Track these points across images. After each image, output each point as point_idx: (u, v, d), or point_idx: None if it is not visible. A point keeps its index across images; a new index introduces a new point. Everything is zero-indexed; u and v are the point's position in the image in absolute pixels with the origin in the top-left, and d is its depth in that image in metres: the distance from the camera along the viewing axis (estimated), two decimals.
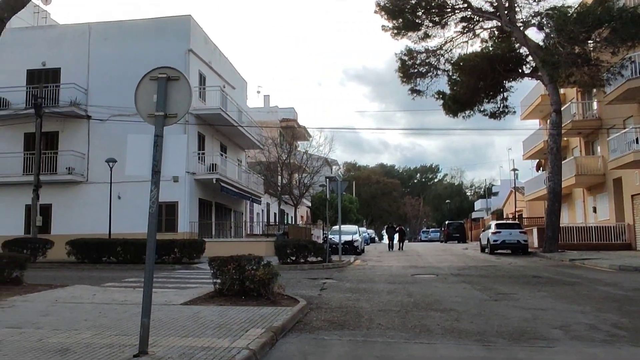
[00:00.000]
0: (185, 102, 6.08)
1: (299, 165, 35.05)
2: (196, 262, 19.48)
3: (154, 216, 5.89)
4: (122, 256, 19.63)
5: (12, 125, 25.91)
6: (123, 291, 11.40)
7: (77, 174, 25.59)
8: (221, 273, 10.17)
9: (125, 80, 25.44)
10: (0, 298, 9.82)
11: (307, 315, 8.70)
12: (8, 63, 26.49)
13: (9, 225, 25.30)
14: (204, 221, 26.93)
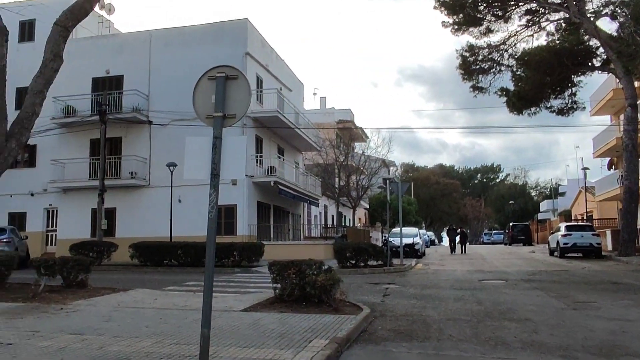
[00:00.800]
0: (244, 101, 5.79)
1: (356, 167, 34.60)
2: (255, 265, 19.39)
3: (214, 221, 5.63)
4: (182, 259, 19.80)
5: (78, 132, 26.79)
6: (183, 295, 11.33)
7: (140, 178, 26.15)
8: (281, 278, 9.90)
9: (184, 85, 25.73)
10: (66, 302, 9.92)
11: (372, 324, 8.27)
12: (75, 72, 27.35)
13: (76, 229, 26.15)
14: (263, 224, 26.92)
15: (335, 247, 19.26)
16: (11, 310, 8.97)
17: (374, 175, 35.82)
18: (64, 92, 26.51)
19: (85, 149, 27.20)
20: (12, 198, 27.73)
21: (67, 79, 26.93)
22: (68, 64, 27.29)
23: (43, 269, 10.63)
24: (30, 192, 27.62)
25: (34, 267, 10.70)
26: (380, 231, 33.84)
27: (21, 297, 10.24)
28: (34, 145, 27.70)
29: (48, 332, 7.14)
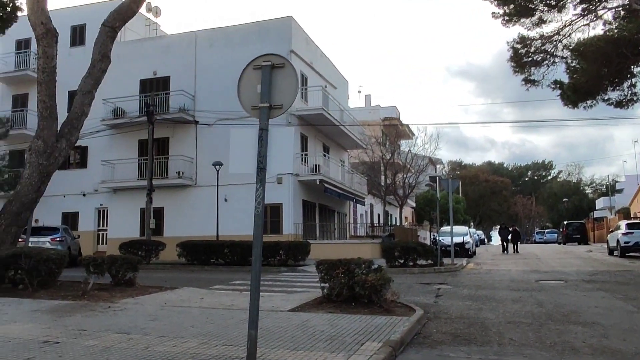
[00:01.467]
0: (291, 91, 5.49)
1: (403, 165, 33.98)
2: (301, 265, 19.16)
3: (260, 218, 5.35)
4: (229, 258, 19.77)
5: (127, 133, 27.25)
6: (230, 294, 11.16)
7: (187, 177, 26.37)
8: (329, 278, 9.59)
9: (229, 84, 25.81)
10: (113, 300, 9.89)
11: (426, 327, 7.84)
12: (123, 74, 27.87)
13: (126, 228, 26.62)
14: (308, 223, 26.71)
15: (383, 246, 18.83)
16: (60, 308, 8.98)
17: (421, 173, 35.10)
18: (113, 94, 27.06)
19: (134, 149, 27.65)
20: (65, 198, 28.48)
21: (116, 81, 27.52)
22: (117, 66, 27.90)
23: (92, 268, 10.67)
24: (82, 192, 28.29)
25: (83, 265, 10.75)
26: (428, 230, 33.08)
27: (71, 295, 10.28)
28: (85, 147, 28.39)
29: (95, 330, 7.04)
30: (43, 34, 12.94)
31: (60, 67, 15.25)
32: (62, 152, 13.12)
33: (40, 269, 10.52)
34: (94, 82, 13.83)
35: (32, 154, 12.69)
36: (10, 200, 12.48)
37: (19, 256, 10.51)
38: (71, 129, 13.35)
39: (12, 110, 30.22)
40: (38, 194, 12.73)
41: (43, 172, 12.66)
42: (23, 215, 12.47)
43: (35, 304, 9.46)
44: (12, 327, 7.29)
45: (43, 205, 28.48)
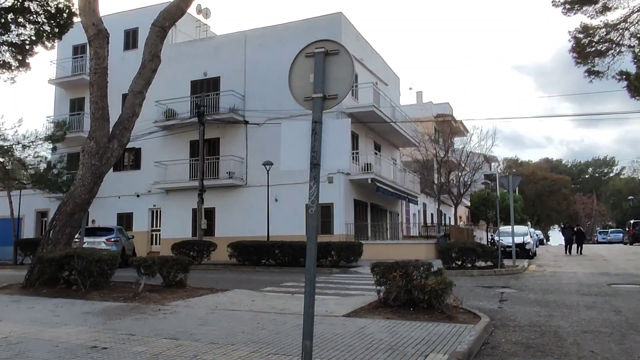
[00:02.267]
0: (347, 79, 5.04)
1: (457, 163, 32.93)
2: (354, 266, 18.67)
3: (315, 218, 4.89)
4: (280, 259, 19.50)
5: (179, 134, 27.48)
6: (281, 297, 10.79)
7: (237, 178, 26.34)
8: (385, 280, 9.07)
9: (279, 83, 25.64)
10: (164, 302, 9.70)
11: (493, 335, 7.22)
12: (174, 76, 28.18)
13: (178, 228, 26.85)
14: (360, 223, 26.19)
15: (440, 246, 18.09)
16: (111, 310, 8.84)
17: (476, 171, 33.93)
18: (165, 95, 27.37)
19: (186, 150, 27.85)
20: (120, 199, 29.02)
21: (168, 83, 27.85)
22: (168, 68, 28.31)
23: (143, 269, 10.53)
24: (136, 193, 28.74)
25: (134, 266, 10.64)
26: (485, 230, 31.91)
27: (122, 297, 10.18)
28: (138, 149, 28.84)
29: (144, 335, 6.79)
30: (94, 35, 12.97)
31: (113, 71, 15.37)
32: (114, 153, 13.11)
33: (92, 270, 10.47)
34: (145, 83, 13.78)
35: (84, 154, 12.73)
36: (65, 201, 12.56)
37: (71, 257, 10.49)
38: (123, 130, 13.34)
39: (69, 114, 31.07)
40: (91, 195, 12.75)
41: (95, 173, 12.67)
42: (77, 215, 12.52)
43: (87, 305, 9.37)
44: (63, 330, 7.14)
45: (99, 206, 29.19)
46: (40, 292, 10.94)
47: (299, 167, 5.02)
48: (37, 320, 7.85)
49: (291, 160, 5.06)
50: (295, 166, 5.05)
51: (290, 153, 5.06)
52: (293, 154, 5.04)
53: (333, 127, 4.92)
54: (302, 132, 5.00)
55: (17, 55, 22.56)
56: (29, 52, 22.59)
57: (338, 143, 4.88)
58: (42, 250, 11.95)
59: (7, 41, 22.10)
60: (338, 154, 4.87)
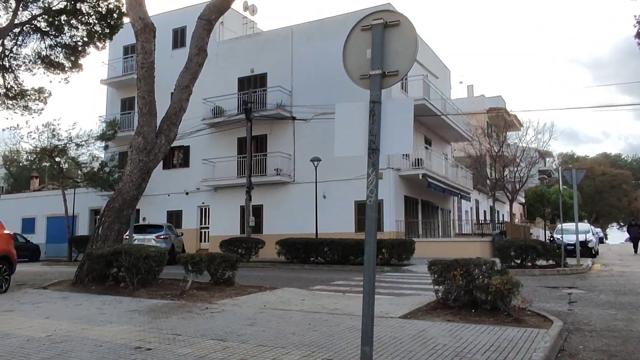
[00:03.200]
0: (409, 53, 4.48)
1: (512, 158, 31.62)
2: (405, 264, 18.00)
3: (374, 209, 4.37)
4: (329, 256, 19.01)
5: (226, 131, 27.44)
6: (332, 296, 10.30)
7: (285, 174, 26.04)
8: (444, 280, 8.45)
9: (326, 78, 25.24)
10: (212, 300, 9.38)
11: (569, 341, 6.51)
12: (221, 73, 28.17)
13: (226, 226, 26.80)
14: (410, 220, 25.43)
15: (497, 244, 17.20)
16: (158, 308, 8.56)
17: (533, 166, 32.50)
18: (212, 93, 27.38)
19: (233, 147, 27.78)
20: (170, 197, 29.25)
21: (215, 81, 27.86)
22: (215, 65, 28.33)
23: (190, 266, 10.26)
24: (185, 190, 28.89)
25: (182, 263, 10.37)
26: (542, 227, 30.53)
27: (170, 294, 9.93)
28: (187, 146, 28.98)
29: (190, 336, 6.43)
30: (141, 29, 12.83)
31: (162, 69, 15.31)
32: (162, 149, 12.95)
33: (140, 267, 10.27)
34: (191, 77, 13.57)
35: (132, 150, 12.62)
36: (113, 198, 12.48)
37: (119, 254, 10.32)
38: (170, 125, 13.16)
39: (120, 113, 31.57)
40: (139, 191, 12.62)
41: (143, 169, 12.53)
42: (125, 212, 12.41)
43: (134, 303, 9.14)
44: (107, 329, 6.87)
45: (149, 204, 29.54)
46: (89, 289, 10.84)
47: (355, 153, 4.50)
48: (83, 318, 7.64)
49: (346, 145, 4.55)
50: (351, 152, 4.53)
51: (346, 138, 4.55)
52: (349, 139, 4.53)
53: (394, 108, 4.39)
54: (359, 114, 4.48)
55: (70, 56, 22.94)
56: (81, 53, 22.93)
57: (400, 125, 4.33)
58: (91, 247, 11.89)
59: (60, 43, 22.50)
60: (400, 137, 4.33)
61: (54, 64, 22.64)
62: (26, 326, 7.02)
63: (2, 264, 11.32)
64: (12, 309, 8.50)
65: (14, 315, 7.91)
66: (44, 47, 22.22)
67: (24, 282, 14.44)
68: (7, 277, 11.52)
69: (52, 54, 22.38)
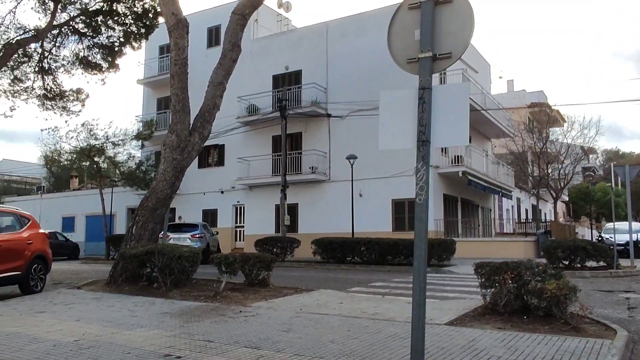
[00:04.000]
0: (463, 33, 3.98)
1: (555, 154, 30.43)
2: (446, 265, 17.36)
3: (424, 209, 3.90)
4: (366, 256, 18.50)
5: (261, 129, 27.20)
6: (371, 299, 9.81)
7: (320, 172, 25.65)
8: (492, 283, 7.89)
9: (362, 74, 24.73)
10: (246, 302, 9.02)
11: (636, 354, 5.89)
12: (256, 71, 27.96)
13: (261, 225, 26.58)
14: (450, 219, 24.69)
15: (544, 244, 16.37)
16: (190, 311, 8.25)
17: (578, 163, 31.23)
18: (247, 91, 27.19)
19: (268, 145, 27.53)
20: (205, 196, 29.23)
21: (249, 78, 27.67)
22: (250, 63, 28.13)
23: (224, 267, 9.94)
24: (220, 189, 28.81)
25: (215, 264, 10.06)
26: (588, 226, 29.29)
27: (203, 296, 9.62)
28: (222, 145, 28.89)
29: (222, 342, 6.06)
30: (174, 25, 12.60)
31: (197, 69, 15.12)
32: (195, 146, 12.69)
33: (173, 267, 10.01)
34: (225, 73, 13.27)
35: (166, 148, 12.40)
36: (147, 197, 12.28)
37: (152, 253, 10.08)
38: (204, 122, 12.90)
39: (156, 112, 31.71)
40: (173, 190, 12.39)
41: (177, 167, 12.29)
42: (159, 211, 12.20)
43: (167, 305, 8.86)
44: (137, 333, 6.56)
45: (185, 203, 29.60)
46: (122, 289, 10.65)
47: (403, 146, 4.03)
48: (114, 321, 7.37)
49: (392, 137, 4.08)
50: (398, 144, 4.06)
51: (391, 129, 4.08)
52: (395, 130, 4.06)
53: (447, 94, 3.89)
54: (406, 102, 4.00)
55: (107, 56, 23.06)
56: (117, 54, 23.02)
57: (454, 113, 3.84)
58: (125, 246, 11.71)
59: (97, 43, 22.63)
60: (454, 127, 3.83)
61: (91, 65, 22.80)
62: (55, 329, 6.78)
63: (37, 263, 11.25)
64: (44, 310, 8.33)
65: (45, 317, 7.71)
66: (81, 48, 22.42)
67: (60, 280, 14.46)
68: (43, 277, 11.46)
69: (89, 55, 22.56)
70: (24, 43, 20.63)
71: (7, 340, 6.14)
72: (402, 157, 23.17)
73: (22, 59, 22.45)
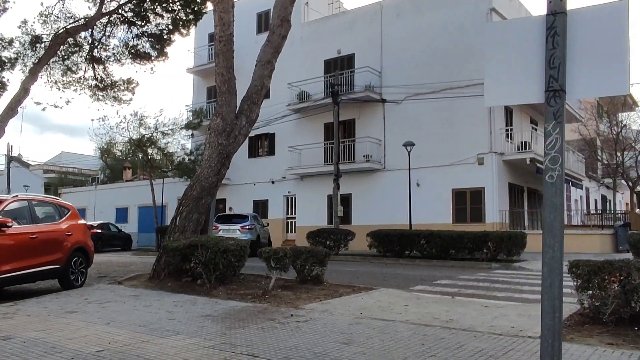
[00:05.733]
0: None
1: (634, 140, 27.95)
2: (515, 260, 15.81)
3: (558, 191, 2.66)
4: (426, 250, 17.13)
5: (312, 117, 26.13)
6: (440, 301, 8.55)
7: (374, 161, 24.35)
8: (592, 287, 6.51)
9: (419, 56, 23.25)
10: (298, 303, 7.96)
11: None
12: (307, 56, 26.90)
13: (313, 216, 25.59)
14: (515, 209, 22.92)
15: (632, 238, 14.56)
16: (235, 314, 7.24)
17: None
18: (297, 77, 26.20)
19: (320, 133, 26.46)
20: (255, 186, 28.50)
21: (300, 64, 26.64)
22: (300, 48, 27.06)
23: (273, 262, 8.89)
24: (270, 179, 27.98)
25: (264, 259, 9.04)
26: None
27: (250, 294, 8.62)
28: (272, 134, 28.03)
29: (268, 357, 4.98)
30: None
31: (246, 55, 14.26)
32: (242, 131, 11.71)
33: (217, 262, 9.05)
34: (274, 51, 12.20)
35: (211, 133, 11.47)
36: (191, 185, 11.40)
37: (195, 247, 9.15)
38: (251, 105, 11.88)
39: (206, 101, 31.18)
40: (218, 177, 11.47)
41: (223, 153, 11.35)
42: (204, 200, 11.30)
43: (209, 305, 7.90)
44: (171, 343, 5.58)
45: (235, 193, 28.98)
46: (164, 285, 9.80)
47: (522, 99, 2.80)
48: (147, 325, 6.43)
49: (505, 88, 2.84)
50: (514, 98, 2.83)
51: (504, 76, 2.84)
52: (509, 78, 2.82)
53: (593, 19, 2.61)
54: (527, 35, 2.75)
55: (156, 45, 22.65)
56: (166, 42, 22.56)
57: (605, 46, 2.56)
58: (168, 238, 10.88)
59: (146, 32, 22.24)
60: (606, 68, 2.56)
61: (140, 54, 22.52)
62: (80, 335, 5.89)
63: (78, 256, 10.57)
64: (76, 310, 7.51)
65: (74, 319, 6.87)
66: (130, 37, 22.13)
67: (106, 273, 13.88)
68: (84, 270, 10.78)
69: (138, 44, 22.30)
70: (74, 32, 20.35)
71: (22, 349, 5.27)
72: (463, 144, 21.64)
73: (73, 48, 22.36)
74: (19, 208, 9.54)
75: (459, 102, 21.51)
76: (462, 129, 21.86)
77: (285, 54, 15.27)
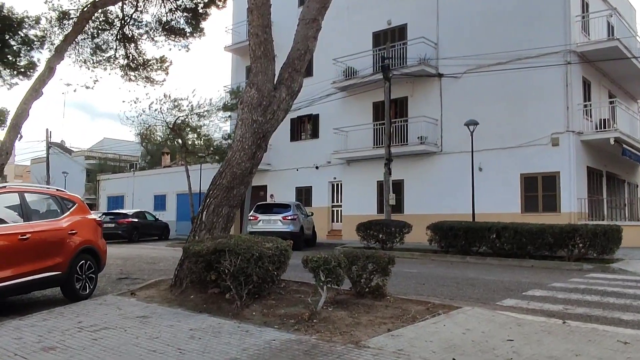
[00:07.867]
0: None
1: None
2: (608, 260, 13.17)
3: None
4: (497, 246, 14.60)
5: (360, 95, 23.79)
6: (551, 329, 6.16)
7: (430, 143, 21.84)
8: None
9: (481, 24, 20.55)
10: (358, 334, 5.75)
11: None
12: (354, 29, 24.51)
13: (361, 204, 23.40)
14: (594, 197, 20.05)
15: None
16: (271, 351, 5.10)
17: None
18: (343, 52, 23.92)
19: (368, 113, 24.10)
20: (298, 172, 26.47)
21: (346, 38, 24.31)
22: (347, 20, 24.53)
23: (323, 274, 6.69)
24: (314, 165, 25.87)
25: (310, 269, 6.86)
26: None
27: (293, 317, 6.50)
28: (316, 115, 25.88)
29: None
30: None
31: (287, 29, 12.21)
32: (282, 105, 9.50)
33: (250, 273, 6.95)
34: (320, 7, 9.92)
35: (244, 107, 9.32)
36: (220, 172, 9.28)
37: (222, 252, 7.05)
38: (293, 73, 9.65)
39: (245, 81, 29.17)
40: (254, 162, 9.32)
41: (258, 132, 9.19)
42: (236, 190, 9.17)
43: (237, 337, 5.77)
44: None
45: (277, 179, 27.00)
46: (186, 299, 7.79)
47: None
48: None
49: None
50: None
51: None
52: None
53: None
54: None
55: (191, 20, 21.04)
56: (202, 16, 20.90)
57: None
58: (193, 237, 8.85)
59: (180, 6, 20.65)
60: None
61: (174, 31, 21.03)
62: None
63: (84, 259, 8.68)
64: (57, 345, 5.50)
65: None
66: (164, 12, 20.59)
67: (129, 273, 12.11)
68: (93, 276, 8.90)
69: (172, 19, 20.83)
70: (102, 5, 18.66)
71: None
72: (534, 122, 18.94)
73: (103, 25, 20.91)
74: (7, 202, 7.68)
75: (529, 74, 18.79)
76: (532, 105, 19.15)
77: (329, 27, 13.03)
